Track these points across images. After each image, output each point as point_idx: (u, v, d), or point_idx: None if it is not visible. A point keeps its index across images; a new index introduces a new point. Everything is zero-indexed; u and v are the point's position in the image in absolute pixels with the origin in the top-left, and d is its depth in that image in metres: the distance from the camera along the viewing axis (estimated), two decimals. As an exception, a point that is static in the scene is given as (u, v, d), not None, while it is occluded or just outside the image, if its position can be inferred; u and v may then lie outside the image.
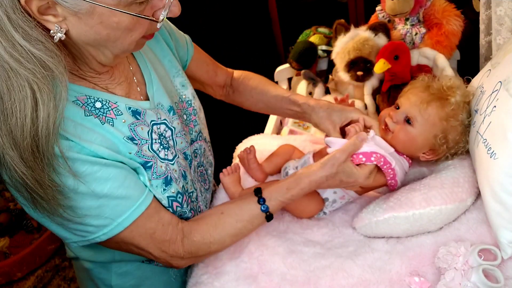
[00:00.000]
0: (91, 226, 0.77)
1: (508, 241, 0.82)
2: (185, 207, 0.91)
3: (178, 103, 0.99)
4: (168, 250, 0.85)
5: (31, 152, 0.67)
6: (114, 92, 0.85)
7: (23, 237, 2.36)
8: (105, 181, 0.76)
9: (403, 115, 1.01)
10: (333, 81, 1.58)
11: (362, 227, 0.99)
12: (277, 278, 0.90)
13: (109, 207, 0.77)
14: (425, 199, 0.92)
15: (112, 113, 0.81)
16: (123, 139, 0.81)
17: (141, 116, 0.86)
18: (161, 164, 0.87)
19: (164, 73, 0.98)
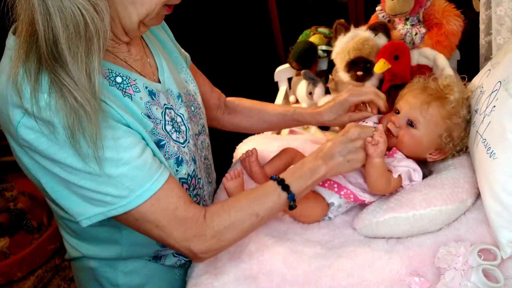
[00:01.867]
0: (110, 196, 0.75)
1: (507, 240, 0.82)
2: (192, 190, 0.92)
3: (186, 95, 1.02)
4: (191, 229, 0.81)
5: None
6: (132, 66, 0.87)
7: (23, 237, 2.37)
8: (126, 149, 0.75)
9: (405, 118, 1.01)
10: (333, 81, 1.58)
11: (362, 228, 0.99)
12: (277, 279, 0.90)
13: (129, 176, 0.75)
14: (426, 200, 0.92)
15: (131, 89, 0.84)
16: (141, 114, 0.83)
17: (155, 96, 0.88)
18: (174, 144, 0.88)
19: (172, 65, 1.01)
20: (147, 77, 0.90)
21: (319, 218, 1.05)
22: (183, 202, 0.82)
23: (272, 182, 0.89)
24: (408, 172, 0.98)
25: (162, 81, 0.93)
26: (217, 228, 0.83)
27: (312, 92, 1.66)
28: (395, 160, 0.99)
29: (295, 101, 1.78)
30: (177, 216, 0.80)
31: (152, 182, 0.78)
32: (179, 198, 0.81)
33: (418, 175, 0.98)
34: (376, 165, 0.93)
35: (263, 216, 0.87)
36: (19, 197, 2.51)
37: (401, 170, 0.97)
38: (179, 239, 0.81)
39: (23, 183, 2.60)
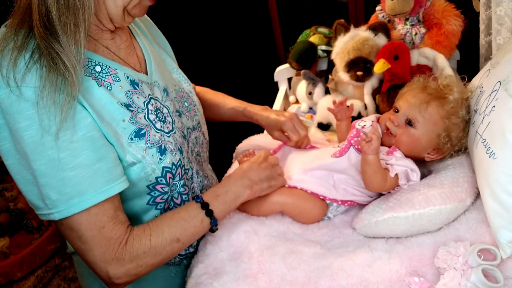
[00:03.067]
0: (49, 199, 0.76)
1: (507, 241, 0.82)
2: (177, 179, 0.93)
3: (178, 92, 1.05)
4: (111, 251, 0.81)
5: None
6: (115, 53, 0.89)
7: (23, 237, 2.37)
8: (79, 153, 0.76)
9: (403, 117, 1.01)
10: (333, 81, 1.58)
11: (362, 228, 0.99)
12: (277, 278, 0.90)
13: (72, 183, 0.76)
14: (425, 199, 0.92)
15: (111, 78, 0.85)
16: (117, 104, 0.84)
17: (138, 86, 0.90)
18: (155, 133, 0.89)
19: (162, 64, 1.04)
20: (132, 66, 0.92)
21: (319, 218, 1.05)
22: (112, 223, 0.81)
23: (196, 206, 0.90)
24: (406, 172, 0.98)
25: (149, 72, 0.95)
26: (136, 254, 0.83)
27: (312, 92, 1.66)
28: (394, 158, 0.99)
29: (295, 101, 1.78)
30: (102, 234, 0.80)
31: (95, 193, 0.78)
32: (110, 219, 0.81)
33: (416, 175, 0.98)
34: (370, 162, 0.94)
35: (184, 241, 0.88)
36: (19, 197, 2.51)
37: (398, 169, 0.97)
38: (98, 259, 0.80)
39: (23, 183, 2.60)
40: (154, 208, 0.93)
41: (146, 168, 0.86)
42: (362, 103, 1.49)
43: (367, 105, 1.48)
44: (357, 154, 1.02)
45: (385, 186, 0.98)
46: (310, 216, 1.03)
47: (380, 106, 1.45)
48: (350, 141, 1.04)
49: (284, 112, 1.19)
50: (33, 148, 0.74)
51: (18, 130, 0.73)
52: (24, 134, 0.73)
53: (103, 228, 0.80)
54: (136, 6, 0.84)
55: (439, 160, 1.04)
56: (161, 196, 0.92)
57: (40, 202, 0.78)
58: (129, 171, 0.86)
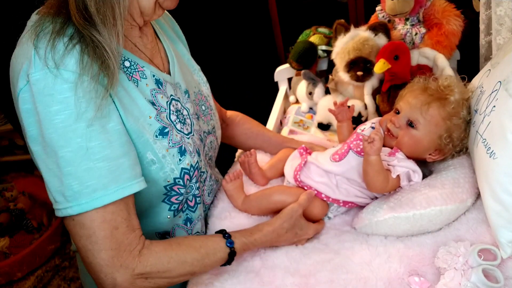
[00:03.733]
0: (70, 190, 0.73)
1: (507, 240, 0.82)
2: (194, 182, 0.93)
3: (197, 94, 1.04)
4: (121, 257, 0.76)
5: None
6: (142, 51, 0.89)
7: (23, 237, 2.37)
8: (108, 145, 0.75)
9: (404, 119, 1.01)
10: (333, 81, 1.57)
11: (362, 227, 0.99)
12: (280, 272, 0.91)
13: (96, 175, 0.73)
14: (426, 200, 0.92)
15: (138, 74, 0.85)
16: (144, 99, 0.84)
17: (162, 86, 0.90)
18: (177, 134, 0.89)
19: (184, 65, 1.03)
20: (157, 66, 0.92)
21: (319, 218, 1.05)
22: (125, 226, 0.77)
23: (226, 248, 0.88)
24: (408, 173, 0.98)
25: (172, 73, 0.95)
26: (149, 270, 0.78)
27: (312, 92, 1.66)
28: (396, 160, 0.99)
29: (295, 101, 1.78)
30: (114, 236, 0.75)
31: (118, 188, 0.75)
32: (124, 221, 0.77)
33: (417, 176, 0.98)
34: (372, 163, 0.94)
35: (198, 274, 0.88)
36: (19, 197, 2.51)
37: (400, 170, 0.97)
38: (105, 263, 0.75)
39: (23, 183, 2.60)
40: (168, 209, 0.91)
41: (165, 168, 0.85)
42: (362, 103, 1.49)
43: (367, 105, 1.48)
44: (356, 157, 1.02)
45: (387, 187, 0.98)
46: (310, 216, 1.03)
47: (380, 106, 1.45)
48: (349, 145, 1.04)
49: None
50: (62, 134, 0.71)
51: (48, 114, 0.71)
52: (55, 118, 0.71)
53: (117, 229, 0.76)
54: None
55: (440, 161, 1.04)
56: (176, 197, 0.91)
57: (59, 196, 0.74)
58: (148, 170, 0.84)
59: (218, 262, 0.88)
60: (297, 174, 1.07)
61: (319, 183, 1.04)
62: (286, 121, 1.65)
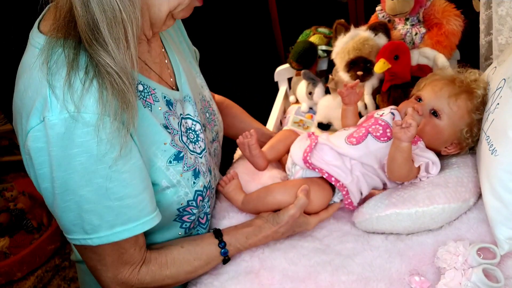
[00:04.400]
0: (91, 224, 0.74)
1: (505, 237, 0.83)
2: (206, 201, 0.93)
3: (202, 101, 1.01)
4: (123, 274, 0.82)
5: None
6: (151, 67, 0.84)
7: (23, 237, 2.36)
8: (128, 184, 0.73)
9: (429, 107, 1.00)
10: (333, 81, 1.57)
11: (362, 222, 0.98)
12: (279, 275, 0.91)
13: (115, 212, 0.74)
14: (429, 197, 0.92)
15: (151, 98, 0.82)
16: (159, 126, 0.81)
17: (172, 107, 0.87)
18: (191, 156, 0.87)
19: (188, 70, 1.00)
20: (165, 81, 0.88)
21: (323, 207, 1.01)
22: (132, 249, 0.81)
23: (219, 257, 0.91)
24: (427, 164, 0.96)
25: (179, 87, 0.91)
26: (149, 278, 0.84)
27: (312, 92, 1.65)
28: (418, 149, 0.97)
29: (295, 101, 1.78)
30: (121, 259, 0.80)
31: (137, 223, 0.77)
32: (132, 245, 0.80)
33: (436, 168, 0.97)
34: (403, 149, 0.89)
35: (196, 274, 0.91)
36: (19, 197, 2.51)
37: (422, 160, 0.95)
38: (110, 281, 0.82)
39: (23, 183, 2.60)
40: (179, 226, 0.92)
41: (179, 192, 0.85)
42: (362, 103, 1.49)
43: (367, 105, 1.48)
44: (376, 142, 0.98)
45: (409, 176, 0.96)
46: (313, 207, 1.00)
47: (380, 106, 1.45)
48: (368, 129, 1.01)
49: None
50: (82, 175, 0.69)
51: (67, 157, 0.68)
52: (75, 160, 0.68)
53: (124, 254, 0.80)
54: (184, 9, 0.78)
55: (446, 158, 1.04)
56: (188, 216, 0.91)
57: (76, 228, 0.75)
58: (162, 195, 0.83)
59: (211, 267, 0.92)
60: (307, 155, 1.01)
61: (332, 166, 0.99)
62: (286, 121, 1.65)
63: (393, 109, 1.06)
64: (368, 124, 1.03)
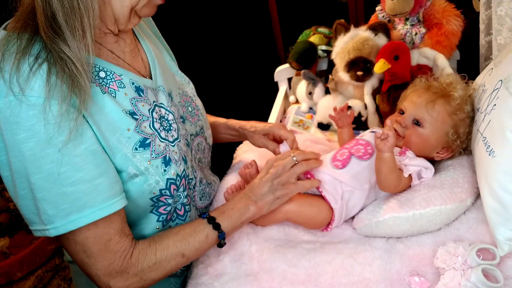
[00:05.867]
0: (46, 214, 0.73)
1: (505, 238, 0.82)
2: (181, 191, 0.91)
3: (182, 96, 1.02)
4: (115, 264, 0.79)
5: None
6: (119, 56, 0.85)
7: (23, 237, 2.37)
8: (81, 168, 0.73)
9: (410, 118, 1.02)
10: (333, 81, 1.57)
11: (362, 228, 0.99)
12: (278, 277, 0.90)
13: (70, 198, 0.73)
14: (425, 200, 0.92)
15: (115, 84, 0.82)
16: (122, 112, 0.80)
17: (143, 93, 0.86)
18: (160, 143, 0.86)
19: (166, 66, 1.00)
20: (138, 70, 0.88)
21: (325, 223, 1.02)
22: (118, 236, 0.79)
23: (202, 221, 0.89)
24: (419, 171, 0.98)
25: (154, 77, 0.92)
26: (140, 268, 0.82)
27: (312, 92, 1.66)
28: (407, 159, 0.98)
29: (295, 101, 1.78)
30: (108, 247, 0.78)
31: (93, 210, 0.75)
32: (117, 232, 0.79)
33: (429, 172, 0.98)
34: (386, 160, 0.92)
35: (189, 256, 0.87)
36: (19, 197, 2.51)
37: (412, 169, 0.97)
38: (101, 272, 0.79)
39: (23, 183, 2.60)
40: (156, 220, 0.90)
41: (149, 180, 0.84)
42: (362, 103, 1.49)
43: (367, 105, 1.48)
44: (359, 162, 1.01)
45: (399, 186, 0.97)
46: (316, 222, 1.01)
47: (380, 106, 1.45)
48: (350, 151, 1.03)
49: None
50: (32, 161, 0.70)
51: (16, 142, 0.69)
52: (23, 146, 0.69)
53: (109, 241, 0.78)
54: (146, 6, 0.80)
55: (440, 161, 1.04)
56: (164, 207, 0.90)
57: (35, 217, 0.74)
58: (131, 184, 0.83)
59: (203, 237, 0.88)
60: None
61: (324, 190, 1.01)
62: (286, 121, 1.65)
63: (373, 130, 1.09)
64: (350, 145, 1.05)
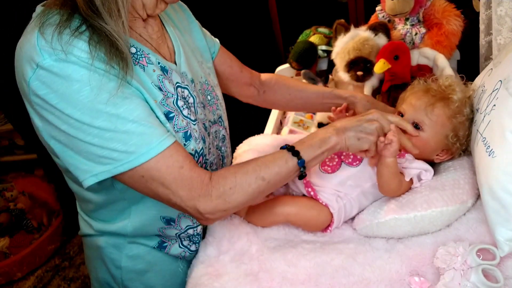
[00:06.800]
0: (117, 151, 0.76)
1: (505, 238, 0.82)
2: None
3: (203, 84, 1.04)
4: (196, 189, 0.81)
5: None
6: (147, 40, 0.90)
7: (23, 237, 2.37)
8: (135, 108, 0.78)
9: (409, 121, 1.01)
10: (333, 81, 1.58)
11: (363, 229, 0.99)
12: (278, 277, 0.90)
13: (136, 133, 0.77)
14: (427, 201, 0.92)
15: (145, 60, 0.86)
16: (151, 84, 0.85)
17: (168, 73, 0.90)
18: (183, 119, 0.89)
19: (192, 55, 1.02)
20: (163, 55, 0.92)
21: (325, 225, 1.02)
22: (188, 162, 0.82)
23: (281, 150, 0.89)
24: (419, 174, 0.98)
25: (178, 64, 0.95)
26: (222, 189, 0.83)
27: (312, 92, 1.65)
28: (407, 161, 0.98)
29: (295, 101, 1.78)
30: (182, 174, 0.80)
31: (159, 141, 0.79)
32: (185, 158, 0.82)
33: (429, 174, 0.98)
34: (389, 165, 0.92)
35: (269, 180, 0.86)
36: (19, 197, 2.51)
37: (412, 173, 0.97)
38: (185, 198, 0.81)
39: (23, 183, 2.60)
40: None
41: None
42: (362, 103, 1.49)
43: (367, 105, 1.48)
44: (349, 168, 1.01)
45: (400, 190, 0.97)
46: (316, 225, 1.01)
47: (380, 106, 1.45)
48: (340, 157, 1.03)
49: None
50: (91, 107, 0.74)
51: (72, 93, 0.73)
52: (79, 95, 0.73)
53: (182, 168, 0.81)
54: None
55: (440, 162, 1.04)
56: None
57: (103, 160, 0.77)
58: None
59: (283, 163, 0.87)
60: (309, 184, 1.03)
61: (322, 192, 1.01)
62: (286, 121, 1.65)
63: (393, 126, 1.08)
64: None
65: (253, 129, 1.46)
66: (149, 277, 1.01)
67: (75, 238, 2.54)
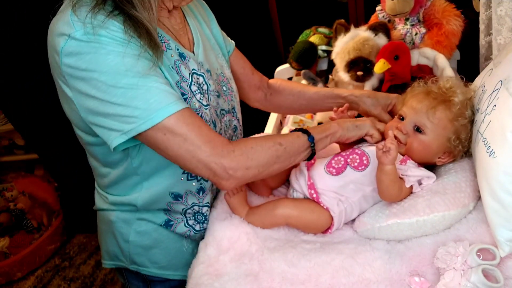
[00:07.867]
0: (139, 109, 0.80)
1: (505, 239, 0.82)
2: None
3: (219, 75, 1.08)
4: (218, 145, 0.84)
5: None
6: (169, 29, 0.96)
7: (23, 237, 2.37)
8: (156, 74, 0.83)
9: (411, 124, 1.01)
10: (333, 81, 1.58)
11: (364, 232, 0.98)
12: (278, 277, 0.90)
13: (157, 91, 0.81)
14: (429, 206, 0.91)
15: (164, 45, 0.92)
16: (169, 67, 0.91)
17: (185, 60, 0.96)
18: (196, 102, 0.94)
19: (210, 48, 1.08)
20: (183, 44, 0.98)
21: (325, 228, 1.02)
22: (207, 125, 0.86)
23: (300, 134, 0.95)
24: (420, 180, 0.97)
25: (196, 53, 1.01)
26: (244, 148, 0.87)
27: (312, 92, 1.65)
28: (409, 169, 0.98)
29: (295, 101, 1.78)
30: (204, 132, 0.84)
31: (178, 101, 0.83)
32: (203, 121, 0.86)
33: (431, 180, 0.98)
34: (388, 172, 0.92)
35: (286, 146, 0.90)
36: (19, 197, 2.51)
37: (413, 180, 0.96)
38: (209, 153, 0.83)
39: (23, 183, 2.60)
40: (182, 172, 0.98)
41: None
42: (362, 103, 1.48)
43: (367, 105, 1.48)
44: (354, 172, 1.00)
45: (400, 196, 0.97)
46: (316, 227, 1.01)
47: (380, 106, 1.45)
48: (346, 160, 1.02)
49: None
50: (117, 69, 0.79)
51: (100, 57, 0.78)
52: (106, 58, 0.78)
53: (201, 127, 0.84)
54: None
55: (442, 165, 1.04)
56: None
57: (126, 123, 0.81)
58: None
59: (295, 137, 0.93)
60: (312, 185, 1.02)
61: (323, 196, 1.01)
62: (286, 121, 1.65)
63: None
64: (346, 153, 1.04)
65: (253, 129, 1.46)
66: (155, 253, 1.06)
67: (75, 238, 2.55)
